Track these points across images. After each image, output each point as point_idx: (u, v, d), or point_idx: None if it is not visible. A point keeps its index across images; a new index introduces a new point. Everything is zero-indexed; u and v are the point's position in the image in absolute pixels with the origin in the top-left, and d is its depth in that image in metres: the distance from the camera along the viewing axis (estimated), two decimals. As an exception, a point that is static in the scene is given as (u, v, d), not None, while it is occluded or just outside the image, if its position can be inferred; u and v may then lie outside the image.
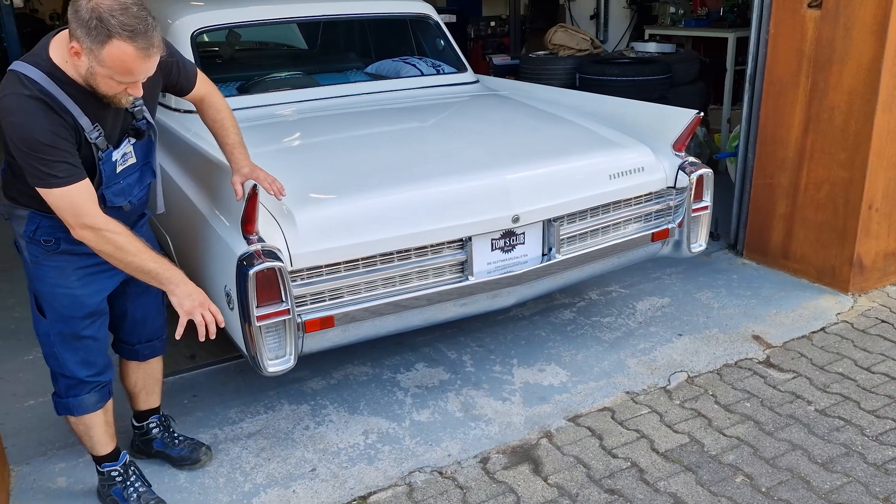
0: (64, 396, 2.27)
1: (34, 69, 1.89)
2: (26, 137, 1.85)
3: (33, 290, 2.20)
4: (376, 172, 2.76)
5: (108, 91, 1.92)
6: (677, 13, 6.53)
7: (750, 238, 4.20)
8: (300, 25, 4.63)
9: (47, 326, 2.18)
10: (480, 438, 2.72)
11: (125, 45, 1.79)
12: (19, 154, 1.88)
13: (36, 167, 1.88)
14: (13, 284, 4.19)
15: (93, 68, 1.85)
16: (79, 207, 1.93)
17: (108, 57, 1.81)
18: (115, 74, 1.85)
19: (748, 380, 3.03)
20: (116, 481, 2.38)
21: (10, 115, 1.85)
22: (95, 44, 1.79)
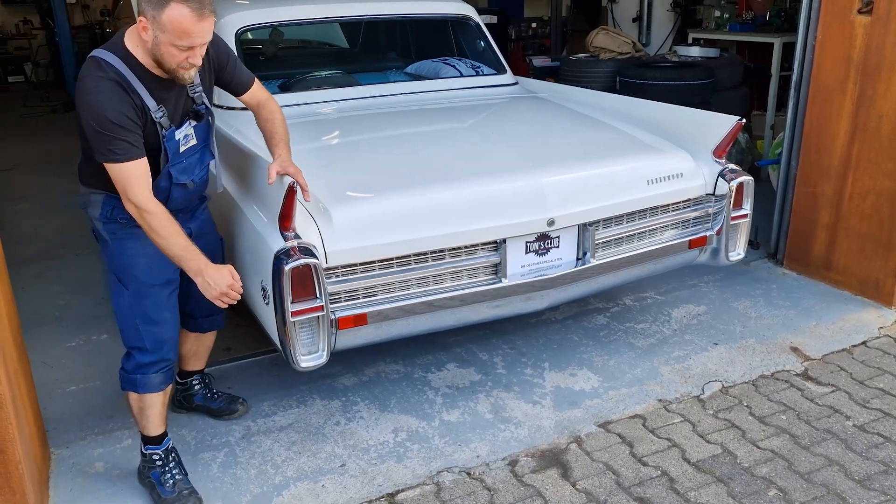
0: (132, 372, 2.37)
1: (111, 54, 2.12)
2: (98, 115, 2.06)
3: (113, 267, 2.34)
4: (413, 172, 2.78)
5: (172, 61, 2.10)
6: (722, 17, 6.42)
7: (791, 247, 4.12)
8: (342, 25, 4.68)
9: (129, 298, 2.32)
10: (509, 441, 2.72)
11: (181, 7, 2.01)
12: (90, 130, 2.08)
13: (101, 143, 2.09)
14: (60, 272, 4.32)
15: (157, 38, 2.05)
16: (129, 183, 2.12)
17: (167, 20, 2.01)
18: (175, 39, 2.05)
19: (784, 392, 2.98)
20: (156, 465, 2.47)
21: (87, 95, 2.07)
22: (157, 10, 2.01)
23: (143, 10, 2.04)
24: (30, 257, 4.50)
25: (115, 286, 2.35)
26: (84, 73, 2.10)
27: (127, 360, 2.40)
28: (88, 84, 2.07)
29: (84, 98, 2.07)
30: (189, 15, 2.02)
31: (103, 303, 3.91)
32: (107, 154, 2.10)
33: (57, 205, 5.63)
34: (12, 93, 11.19)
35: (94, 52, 2.14)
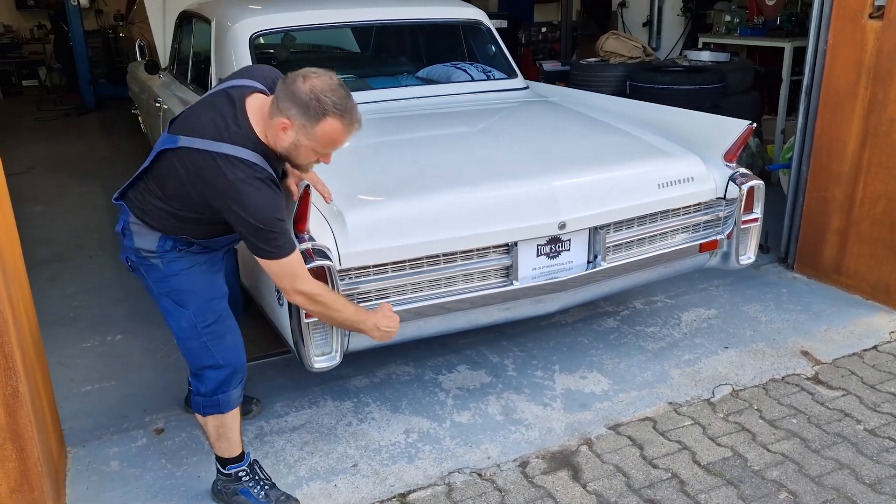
0: (213, 394, 2.30)
1: (251, 152, 2.06)
2: (266, 217, 2.03)
3: (169, 289, 2.25)
4: (425, 176, 2.81)
5: (305, 161, 2.15)
6: (732, 21, 6.42)
7: (801, 252, 4.12)
8: (354, 30, 4.72)
9: (192, 317, 2.25)
10: (520, 442, 2.73)
11: (336, 122, 2.02)
12: (254, 231, 2.04)
13: (268, 241, 2.06)
14: (74, 273, 4.37)
15: (299, 141, 2.05)
16: (296, 275, 2.14)
17: (319, 132, 2.03)
18: (320, 147, 2.08)
19: (795, 396, 2.98)
20: (243, 481, 2.43)
21: (249, 198, 2.02)
22: (310, 121, 2.01)
23: (290, 115, 2.01)
24: (45, 259, 4.56)
25: (172, 310, 2.27)
26: (232, 173, 2.02)
27: (201, 383, 2.32)
28: (248, 188, 2.02)
29: (246, 200, 2.02)
30: (341, 129, 2.04)
31: (117, 304, 3.95)
32: (275, 251, 2.08)
33: (70, 207, 5.70)
34: (27, 97, 11.31)
35: (230, 150, 2.03)
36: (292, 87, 2.02)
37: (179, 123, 2.16)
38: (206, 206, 2.11)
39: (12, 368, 2.06)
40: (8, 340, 2.04)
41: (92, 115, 9.86)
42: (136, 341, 3.52)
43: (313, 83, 2.01)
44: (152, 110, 4.92)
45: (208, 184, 2.05)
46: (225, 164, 2.02)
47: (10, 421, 2.09)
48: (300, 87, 2.00)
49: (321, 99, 1.99)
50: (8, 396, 2.07)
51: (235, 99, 2.12)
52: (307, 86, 2.00)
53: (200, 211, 2.14)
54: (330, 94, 2.01)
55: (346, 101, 2.04)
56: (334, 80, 2.05)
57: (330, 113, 2.00)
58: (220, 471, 2.45)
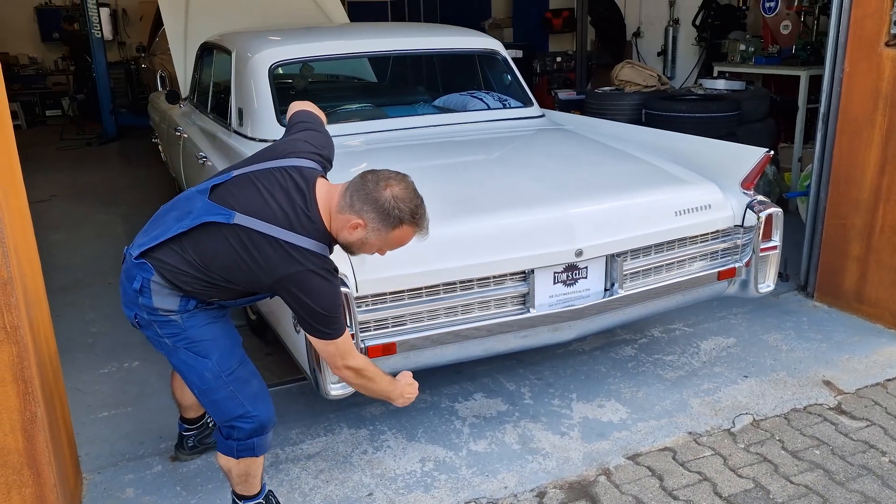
0: (248, 438, 2.26)
1: (322, 245, 2.09)
2: (330, 308, 2.08)
3: (188, 342, 2.20)
4: (442, 203, 2.80)
5: (367, 253, 2.20)
6: (747, 50, 6.45)
7: (821, 280, 4.08)
8: (371, 60, 4.78)
9: (216, 366, 2.20)
10: (537, 472, 2.70)
11: (410, 230, 2.11)
12: (315, 318, 2.07)
13: (327, 324, 2.09)
14: (92, 300, 4.41)
15: (367, 240, 2.10)
16: (346, 353, 2.16)
17: (393, 237, 2.10)
18: (387, 247, 2.16)
19: (818, 426, 2.93)
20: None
21: (319, 287, 2.05)
22: (386, 226, 2.06)
23: (367, 218, 2.04)
24: (64, 285, 4.60)
25: (192, 362, 2.21)
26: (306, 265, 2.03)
27: (233, 431, 2.26)
28: (319, 279, 2.04)
29: (313, 289, 2.04)
30: (412, 234, 2.12)
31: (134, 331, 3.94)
32: (332, 333, 2.10)
33: (90, 235, 5.77)
34: (50, 126, 11.51)
35: (303, 244, 2.04)
36: (374, 193, 2.04)
37: (233, 197, 2.10)
38: (256, 283, 2.11)
39: (31, 393, 2.07)
40: (28, 365, 2.06)
41: (113, 144, 10.02)
42: (152, 367, 3.53)
43: (395, 191, 2.05)
44: (172, 139, 4.99)
45: (275, 269, 2.04)
46: (297, 253, 2.03)
47: (27, 446, 2.09)
48: (383, 194, 2.04)
49: (401, 208, 2.05)
50: (26, 421, 2.08)
51: (302, 185, 2.11)
52: (389, 193, 2.04)
53: (246, 285, 2.14)
54: (409, 202, 2.07)
55: (420, 208, 2.10)
56: (410, 187, 2.10)
57: (407, 221, 2.07)
58: (235, 503, 2.43)
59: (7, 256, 1.98)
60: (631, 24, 8.45)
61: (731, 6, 7.41)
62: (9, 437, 2.07)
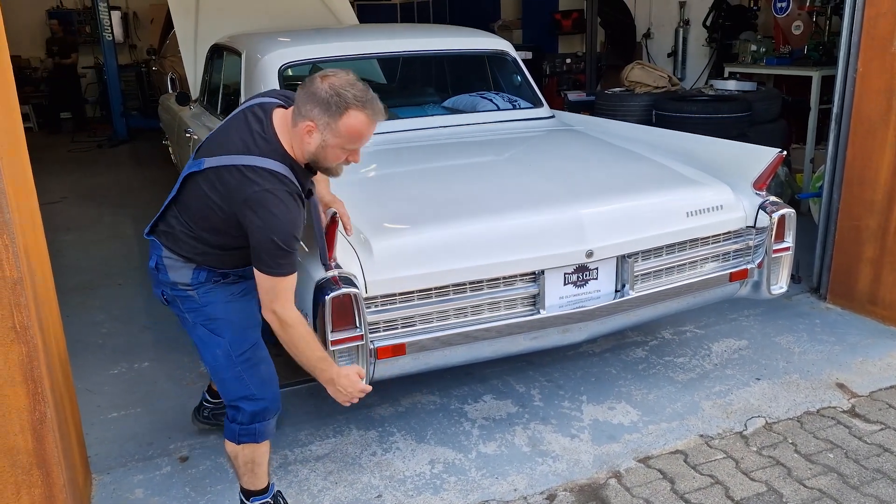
0: (250, 423, 2.28)
1: (280, 164, 2.07)
2: (286, 232, 2.03)
3: (204, 319, 2.25)
4: (452, 204, 2.81)
5: (334, 161, 2.13)
6: (759, 51, 6.41)
7: (834, 282, 4.04)
8: (380, 61, 4.77)
9: (228, 347, 2.24)
10: (547, 474, 2.68)
11: (359, 114, 2.03)
12: (265, 243, 2.02)
13: (276, 257, 2.04)
14: (103, 301, 4.42)
15: (325, 141, 2.06)
16: (279, 295, 2.08)
17: (343, 127, 2.03)
18: (346, 143, 2.07)
19: (831, 429, 2.89)
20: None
21: (273, 209, 2.02)
22: (333, 117, 2.02)
23: (313, 116, 2.03)
24: (74, 286, 4.62)
25: (207, 339, 2.26)
26: (259, 184, 2.02)
27: (237, 413, 2.28)
28: (273, 199, 2.02)
29: (270, 210, 2.01)
30: (366, 121, 2.05)
31: (145, 331, 3.98)
32: (274, 268, 2.05)
33: (101, 236, 5.79)
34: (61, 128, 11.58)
35: (259, 163, 2.04)
36: (311, 88, 2.04)
37: (204, 147, 2.19)
38: (232, 223, 2.09)
39: (40, 394, 2.07)
40: (37, 366, 2.06)
41: (124, 146, 10.07)
42: (162, 368, 3.54)
43: (331, 81, 2.03)
44: (182, 141, 5.01)
45: (234, 195, 2.04)
46: (252, 174, 2.03)
47: (37, 446, 2.09)
48: (319, 86, 2.03)
49: (341, 94, 2.01)
50: (35, 422, 2.08)
51: (260, 114, 2.14)
52: (326, 84, 2.03)
53: (227, 232, 2.14)
54: (349, 87, 2.02)
55: (366, 94, 2.04)
56: (352, 76, 2.07)
57: (352, 106, 2.01)
58: (243, 502, 2.43)
59: (17, 257, 1.98)
60: (641, 25, 8.42)
61: (741, 7, 7.38)
62: (18, 438, 2.07)
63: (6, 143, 2.07)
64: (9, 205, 1.96)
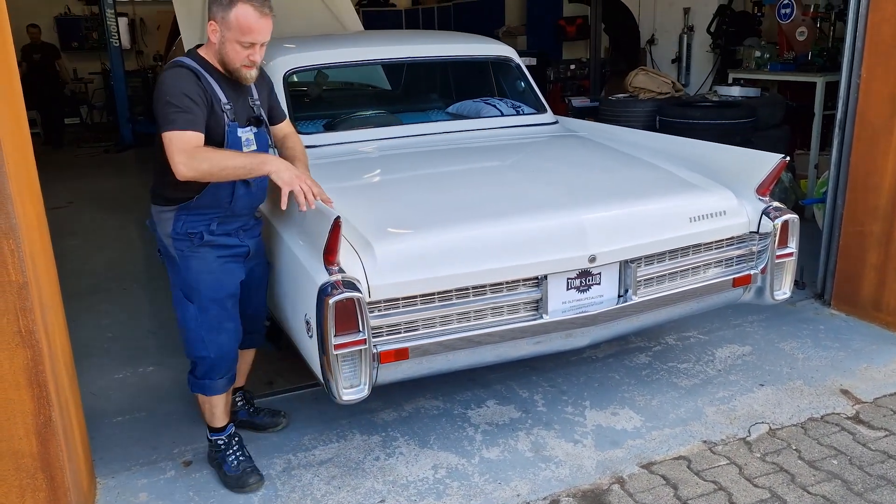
0: (201, 378, 2.61)
1: (187, 59, 2.43)
2: (169, 89, 2.31)
3: (180, 283, 2.54)
4: (455, 209, 2.82)
5: (236, 58, 2.39)
6: (763, 57, 6.41)
7: (838, 288, 4.03)
8: (385, 67, 4.80)
9: (196, 311, 2.52)
10: (550, 480, 2.68)
11: (245, 6, 2.31)
12: (161, 105, 2.30)
13: (168, 113, 2.28)
14: (108, 305, 4.44)
15: (224, 37, 2.35)
16: (179, 147, 2.27)
17: (233, 18, 2.32)
18: (239, 35, 2.34)
19: (835, 436, 2.89)
20: (221, 448, 2.72)
21: (164, 80, 2.35)
22: (225, 11, 2.32)
23: (213, 13, 2.35)
24: (80, 291, 4.64)
25: (180, 300, 2.55)
26: (164, 71, 2.39)
27: (194, 367, 2.62)
28: (166, 74, 2.35)
29: (160, 84, 2.33)
30: (252, 12, 2.31)
31: (150, 336, 4.00)
32: (170, 123, 2.28)
33: (106, 240, 5.82)
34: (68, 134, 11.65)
35: (173, 60, 2.43)
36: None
37: None
38: None
39: (45, 397, 2.09)
40: (42, 370, 2.07)
41: (130, 151, 10.12)
42: (166, 373, 3.55)
43: None
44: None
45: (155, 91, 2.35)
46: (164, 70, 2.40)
47: (41, 450, 2.11)
48: None
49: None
50: (40, 425, 2.09)
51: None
52: None
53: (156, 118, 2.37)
54: None
55: None
56: None
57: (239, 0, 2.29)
58: (207, 437, 2.76)
59: (23, 262, 2.00)
60: (645, 31, 8.43)
61: (746, 13, 7.38)
62: (23, 441, 2.08)
63: (12, 148, 2.09)
64: (14, 209, 1.98)
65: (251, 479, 2.66)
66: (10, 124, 2.14)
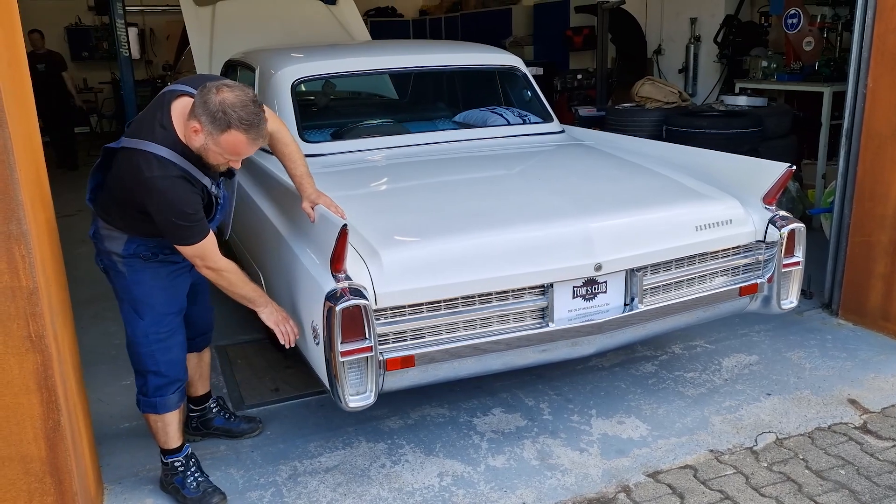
0: (151, 396, 2.55)
1: (170, 151, 2.26)
2: (179, 212, 2.25)
3: (130, 298, 2.50)
4: (462, 217, 2.83)
5: (215, 162, 2.33)
6: (770, 67, 6.42)
7: (846, 297, 4.02)
8: (392, 76, 4.83)
9: (146, 327, 2.49)
10: (556, 488, 2.68)
11: (240, 135, 2.20)
12: (168, 224, 2.27)
13: (181, 232, 2.30)
14: (115, 312, 4.42)
15: (207, 146, 2.24)
16: (207, 255, 2.37)
17: (224, 142, 2.21)
18: (226, 154, 2.26)
19: (843, 445, 2.88)
20: (178, 470, 2.65)
21: (163, 195, 2.23)
22: (216, 130, 2.19)
23: (201, 121, 2.19)
24: (88, 298, 4.66)
25: (129, 315, 2.52)
26: (149, 170, 2.22)
27: (143, 383, 2.56)
28: (163, 185, 2.22)
29: (160, 197, 2.23)
30: (245, 141, 2.22)
31: (157, 343, 4.00)
32: (187, 240, 2.30)
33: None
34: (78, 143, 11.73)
35: (148, 147, 2.23)
36: (206, 96, 2.19)
37: (128, 125, 2.41)
38: (135, 199, 2.31)
39: (54, 402, 2.10)
40: (51, 374, 2.09)
41: (138, 160, 10.16)
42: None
43: (224, 96, 2.17)
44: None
45: (131, 180, 2.26)
46: (144, 162, 2.22)
47: (50, 454, 2.12)
48: (212, 98, 2.18)
49: (227, 112, 2.16)
50: (49, 430, 2.11)
51: (166, 101, 2.32)
52: (218, 98, 2.17)
53: (134, 203, 2.31)
54: (239, 109, 2.17)
55: (253, 118, 2.19)
56: (248, 96, 2.21)
57: (234, 126, 2.17)
58: (161, 460, 2.68)
59: (34, 267, 2.02)
60: (652, 41, 8.45)
61: (752, 23, 7.39)
62: (31, 445, 2.10)
63: (24, 156, 2.12)
64: (26, 216, 2.00)
65: (214, 499, 2.59)
66: (23, 132, 2.16)
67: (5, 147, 1.92)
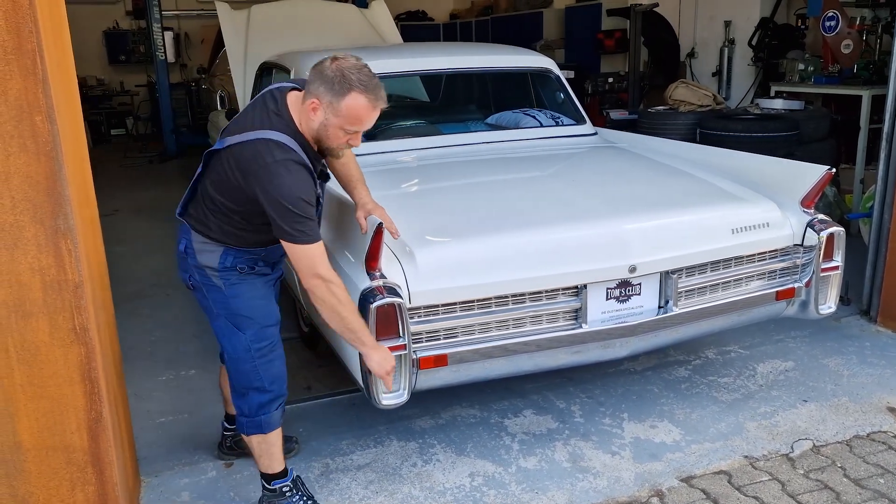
0: (256, 415, 2.42)
1: (288, 137, 2.20)
2: (295, 198, 2.14)
3: (228, 312, 2.38)
4: (496, 217, 2.83)
5: (334, 142, 2.25)
6: (806, 70, 6.32)
7: (885, 304, 3.94)
8: (424, 78, 4.85)
9: (247, 341, 2.37)
10: (588, 491, 2.66)
11: (361, 97, 2.14)
12: (282, 210, 2.13)
13: (297, 226, 2.15)
14: (152, 310, 4.54)
15: (327, 120, 2.18)
16: (317, 261, 2.20)
17: (345, 108, 2.15)
18: (346, 123, 2.18)
19: (882, 454, 2.82)
20: (286, 496, 2.52)
21: (280, 178, 2.14)
22: (336, 97, 2.14)
23: (319, 93, 2.16)
24: (126, 296, 4.75)
25: (228, 332, 2.39)
26: (270, 156, 2.14)
27: (244, 403, 2.43)
28: (283, 169, 2.13)
29: (277, 180, 2.13)
30: (366, 104, 2.15)
31: (193, 340, 4.08)
32: (298, 235, 2.15)
33: (151, 248, 5.96)
34: (114, 145, 11.96)
35: (271, 135, 2.17)
36: (320, 67, 2.17)
37: (227, 129, 2.32)
38: (249, 196, 2.21)
39: (97, 393, 2.15)
40: (95, 367, 2.14)
41: (174, 161, 10.36)
42: (207, 377, 3.61)
43: (339, 63, 2.15)
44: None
45: (248, 168, 2.17)
46: (265, 148, 2.16)
47: (92, 445, 2.17)
48: (327, 66, 2.16)
49: (346, 75, 2.12)
50: (92, 421, 2.16)
51: (276, 95, 2.29)
52: (334, 65, 2.15)
53: (246, 205, 2.24)
54: (356, 71, 2.14)
55: (371, 79, 2.15)
56: (360, 62, 2.18)
57: (355, 88, 2.12)
58: (265, 486, 2.53)
59: (79, 261, 2.07)
60: (685, 44, 8.37)
61: (789, 25, 7.28)
62: (74, 436, 2.14)
63: (71, 155, 2.17)
64: (73, 211, 2.05)
65: None
66: (70, 132, 2.22)
67: (54, 143, 1.97)
